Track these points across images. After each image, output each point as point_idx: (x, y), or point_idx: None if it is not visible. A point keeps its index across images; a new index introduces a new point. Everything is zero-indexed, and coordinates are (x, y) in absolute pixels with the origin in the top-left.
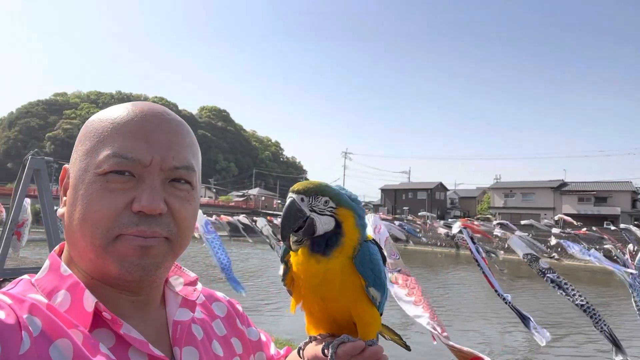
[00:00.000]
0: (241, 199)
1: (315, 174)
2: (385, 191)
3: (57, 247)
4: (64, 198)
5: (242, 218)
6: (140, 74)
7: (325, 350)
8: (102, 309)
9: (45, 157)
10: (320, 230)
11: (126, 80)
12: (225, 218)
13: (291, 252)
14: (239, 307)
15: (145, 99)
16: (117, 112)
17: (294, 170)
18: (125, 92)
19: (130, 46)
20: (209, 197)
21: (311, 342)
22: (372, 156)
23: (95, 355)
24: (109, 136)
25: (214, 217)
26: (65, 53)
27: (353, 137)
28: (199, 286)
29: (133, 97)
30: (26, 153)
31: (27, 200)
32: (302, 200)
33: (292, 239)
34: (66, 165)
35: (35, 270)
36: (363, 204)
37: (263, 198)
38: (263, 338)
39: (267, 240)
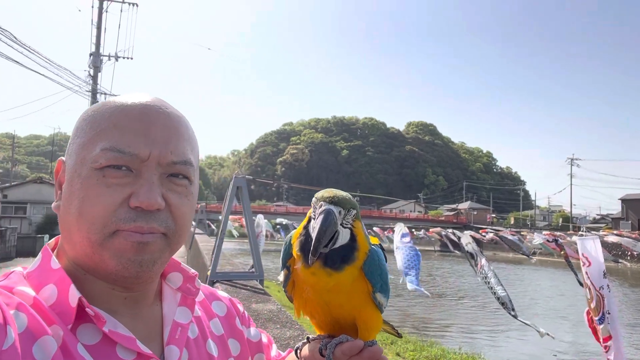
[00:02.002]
0: (451, 213)
1: (535, 185)
2: (627, 202)
3: (52, 241)
4: (59, 192)
5: (449, 233)
6: (352, 98)
7: (323, 350)
8: (86, 305)
9: (246, 176)
10: (337, 244)
11: (340, 105)
12: (434, 232)
13: (294, 257)
14: (240, 307)
15: (357, 120)
16: (115, 105)
17: (510, 182)
18: (338, 116)
19: (341, 75)
20: (418, 211)
21: (309, 342)
22: (606, 161)
23: (72, 354)
24: (105, 129)
25: (422, 231)
26: (290, 88)
27: (580, 141)
28: (198, 283)
29: (346, 120)
30: (264, 177)
31: (261, 216)
32: (340, 213)
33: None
34: (62, 158)
35: (242, 275)
36: (599, 217)
37: (475, 212)
38: (264, 340)
39: (469, 261)
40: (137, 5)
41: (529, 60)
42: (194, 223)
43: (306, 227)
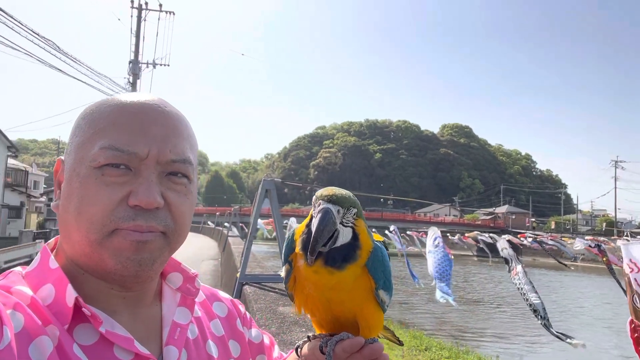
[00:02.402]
0: (488, 217)
1: (577, 188)
2: None
3: (51, 241)
4: (59, 191)
5: (486, 237)
6: (385, 101)
7: (323, 348)
8: (82, 305)
9: (276, 179)
10: (338, 243)
11: (373, 108)
12: (469, 237)
13: (296, 252)
14: (242, 308)
15: (390, 123)
16: (113, 104)
17: (550, 185)
18: (371, 119)
19: (374, 77)
20: (453, 215)
21: (310, 340)
22: None
23: (67, 354)
24: (104, 128)
25: (457, 236)
26: (322, 93)
27: (625, 142)
28: (198, 284)
29: (379, 123)
30: (297, 180)
31: (293, 219)
32: (338, 212)
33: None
34: (60, 158)
35: (271, 277)
36: None
37: (513, 216)
38: (266, 341)
39: (507, 265)
40: (173, 14)
41: (569, 61)
42: (227, 225)
43: (308, 225)
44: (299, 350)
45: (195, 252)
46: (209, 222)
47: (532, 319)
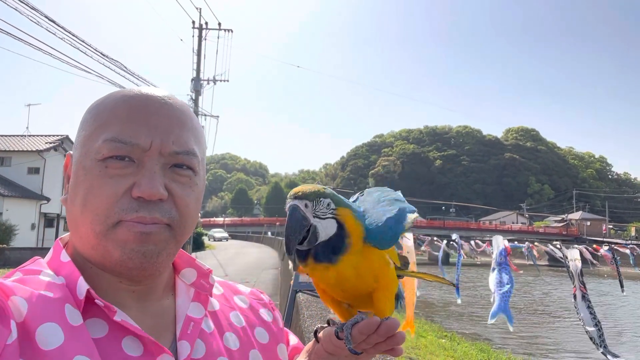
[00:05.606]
0: (560, 224)
1: None
2: None
3: (65, 236)
4: (67, 185)
5: (555, 247)
6: (445, 107)
7: (340, 333)
8: (95, 296)
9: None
10: (323, 236)
11: (432, 115)
12: (538, 248)
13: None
14: (265, 297)
15: (450, 129)
16: (117, 97)
17: (628, 189)
18: (430, 126)
19: (431, 83)
20: (521, 223)
21: (330, 325)
22: None
23: (79, 344)
24: (107, 121)
25: (527, 243)
26: (379, 100)
27: None
28: (212, 279)
29: (438, 130)
30: (356, 189)
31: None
32: (306, 206)
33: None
34: (70, 152)
35: None
36: None
37: (588, 223)
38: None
39: (571, 279)
40: (232, 31)
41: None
42: None
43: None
44: (316, 334)
45: (257, 261)
46: (269, 233)
47: (617, 336)
